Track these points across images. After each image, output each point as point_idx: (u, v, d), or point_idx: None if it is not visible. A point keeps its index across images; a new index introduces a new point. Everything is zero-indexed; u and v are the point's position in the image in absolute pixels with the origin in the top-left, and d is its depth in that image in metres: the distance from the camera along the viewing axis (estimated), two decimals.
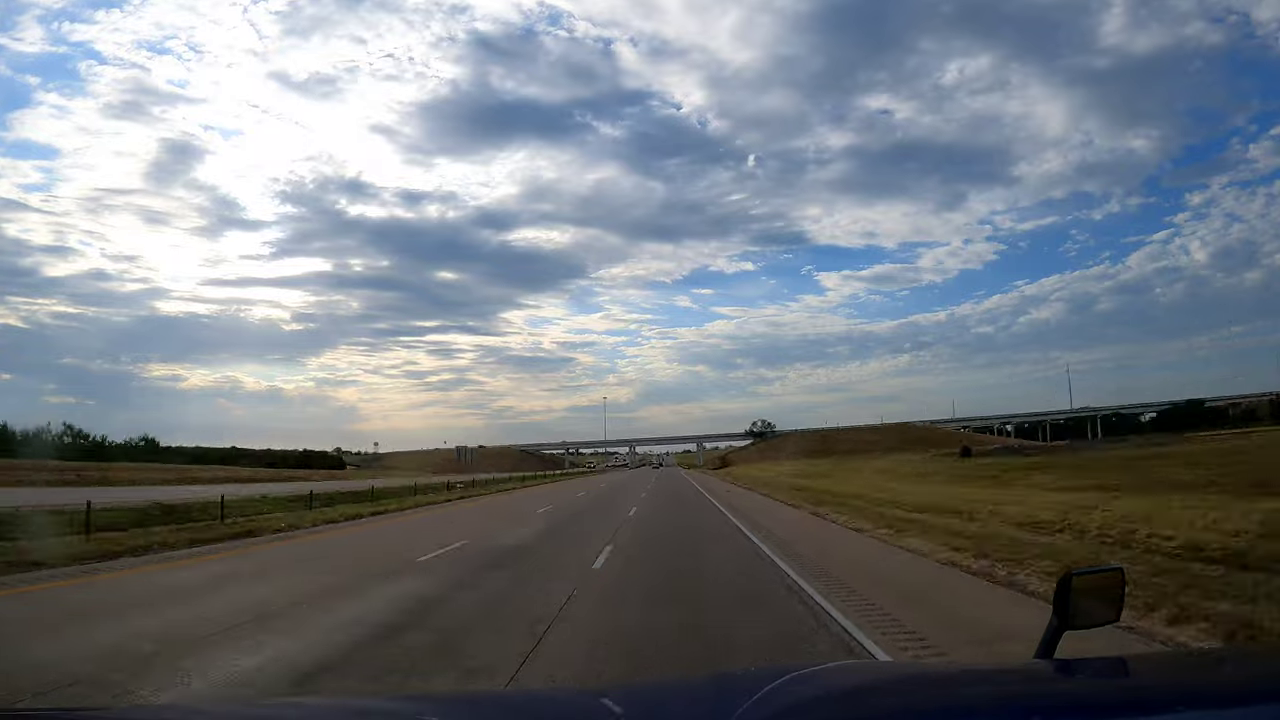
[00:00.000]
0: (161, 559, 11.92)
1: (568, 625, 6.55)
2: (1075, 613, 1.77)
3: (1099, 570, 1.99)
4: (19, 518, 14.41)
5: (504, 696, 3.17)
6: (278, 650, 5.79)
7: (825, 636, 6.02)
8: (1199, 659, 2.81)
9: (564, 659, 5.46)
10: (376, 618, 6.92)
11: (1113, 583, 1.93)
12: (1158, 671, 1.81)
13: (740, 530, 15.11)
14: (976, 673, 2.05)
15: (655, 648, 5.79)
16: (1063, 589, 1.77)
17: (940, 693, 1.62)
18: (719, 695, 1.58)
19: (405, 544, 14.19)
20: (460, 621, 6.86)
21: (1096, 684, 1.60)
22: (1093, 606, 1.82)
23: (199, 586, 9.33)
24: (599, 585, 8.79)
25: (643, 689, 2.21)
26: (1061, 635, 1.77)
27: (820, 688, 1.64)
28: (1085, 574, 1.88)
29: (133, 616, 7.33)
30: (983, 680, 1.81)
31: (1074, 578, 1.80)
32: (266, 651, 5.74)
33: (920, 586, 8.28)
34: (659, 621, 6.72)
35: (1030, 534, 11.31)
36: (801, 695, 1.51)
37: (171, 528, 15.32)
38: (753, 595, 7.92)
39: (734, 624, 6.56)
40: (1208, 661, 2.33)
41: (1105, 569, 2.01)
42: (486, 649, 5.75)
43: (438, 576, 9.60)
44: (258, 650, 5.76)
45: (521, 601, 7.76)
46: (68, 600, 8.41)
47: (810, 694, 1.54)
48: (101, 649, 5.88)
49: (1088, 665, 1.69)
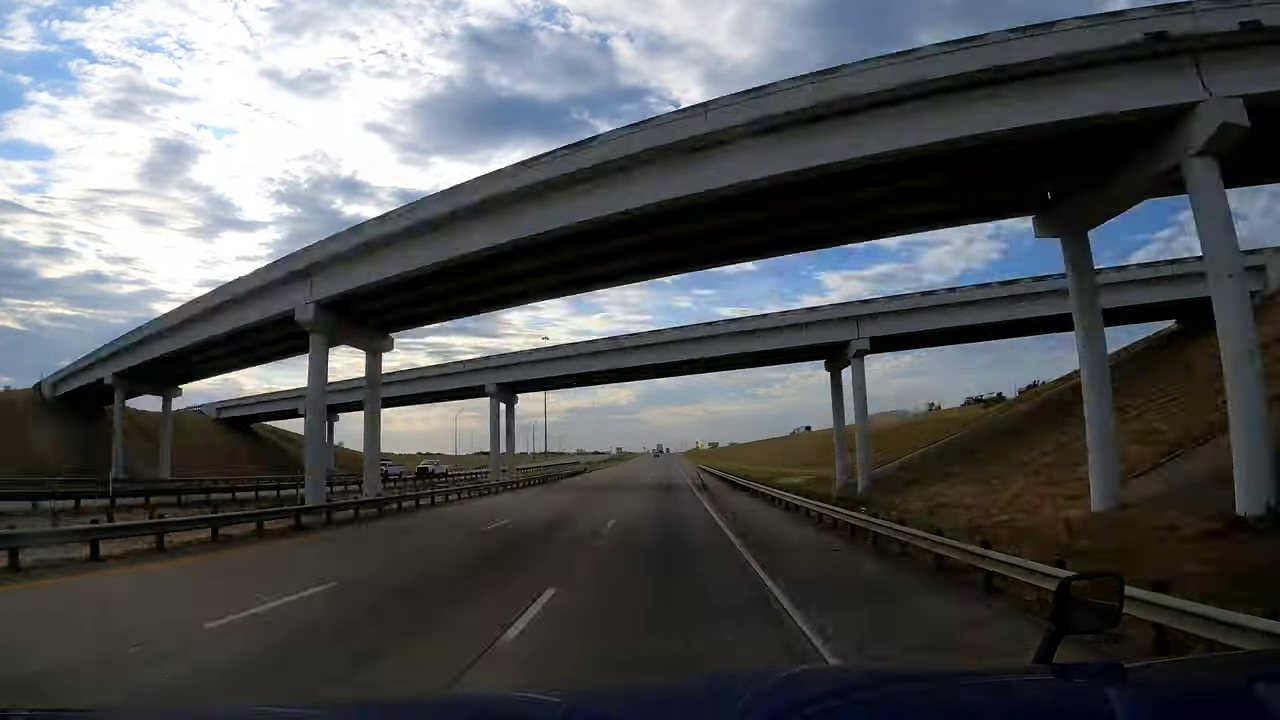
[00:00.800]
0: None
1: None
2: (1073, 618, 1.78)
3: (1096, 576, 2.01)
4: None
5: (499, 699, 3.17)
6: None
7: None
8: (1199, 664, 2.81)
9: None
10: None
11: (1110, 588, 1.94)
12: (1156, 676, 1.82)
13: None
14: (976, 676, 2.06)
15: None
16: (1060, 595, 1.79)
17: (939, 696, 1.62)
18: (715, 697, 1.58)
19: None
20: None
21: (1095, 689, 1.60)
22: (1090, 611, 1.84)
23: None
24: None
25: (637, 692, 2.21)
26: (1060, 640, 1.78)
27: (816, 690, 1.65)
28: (1082, 579, 1.90)
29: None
30: (982, 684, 1.82)
31: (1071, 584, 1.81)
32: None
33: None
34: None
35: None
36: (797, 697, 1.52)
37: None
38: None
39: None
40: (1207, 666, 2.34)
41: (1102, 574, 2.02)
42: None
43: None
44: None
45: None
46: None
47: (806, 696, 1.54)
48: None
49: (1086, 670, 1.70)
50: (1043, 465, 21.35)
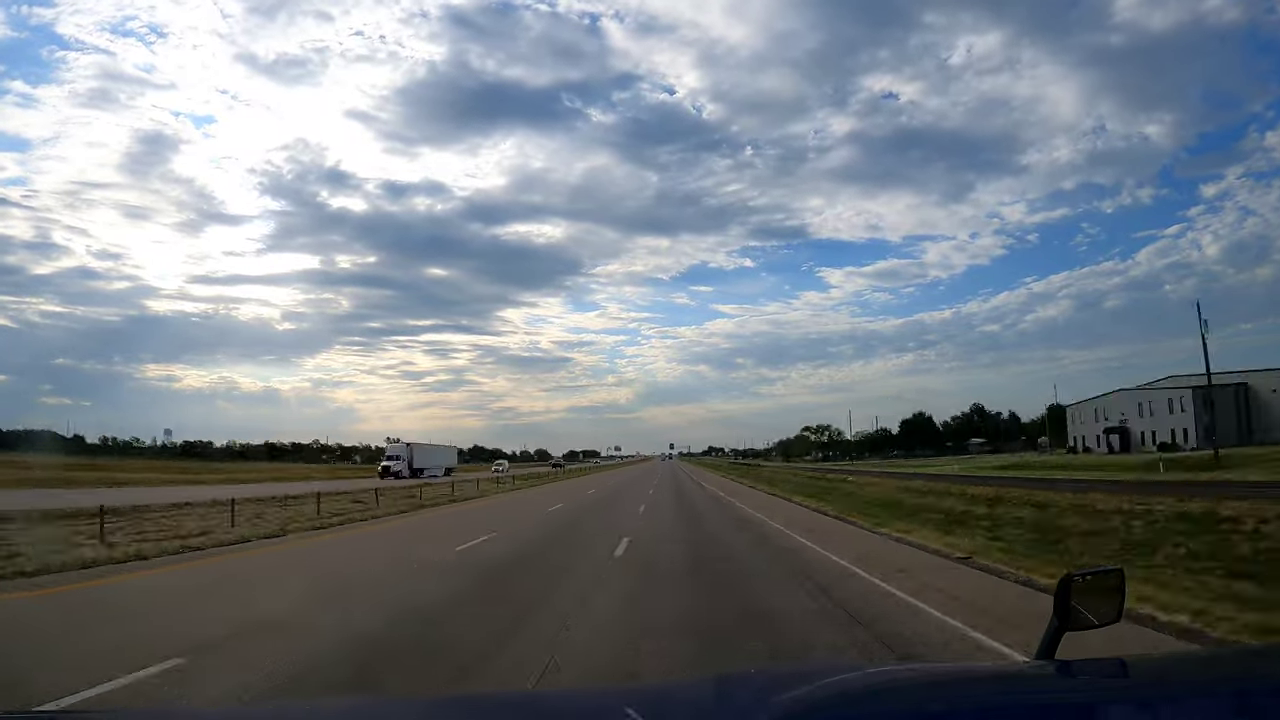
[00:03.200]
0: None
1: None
2: (1075, 613, 1.78)
3: (1098, 571, 2.00)
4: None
5: (504, 697, 3.17)
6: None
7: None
8: (1200, 659, 2.82)
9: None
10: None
11: (1112, 583, 1.94)
12: (1158, 672, 1.82)
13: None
14: (978, 673, 2.06)
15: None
16: (1062, 590, 1.79)
17: (942, 694, 1.62)
18: (716, 697, 1.59)
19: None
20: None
21: (1097, 684, 1.60)
22: (1093, 607, 1.83)
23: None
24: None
25: (639, 691, 2.21)
26: (1062, 636, 1.78)
27: (823, 690, 1.65)
28: (1084, 575, 1.90)
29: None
30: (984, 681, 1.82)
31: (1074, 579, 1.81)
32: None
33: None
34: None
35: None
36: (804, 698, 1.52)
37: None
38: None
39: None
40: (1208, 661, 2.34)
41: (1105, 570, 2.02)
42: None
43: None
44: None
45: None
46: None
47: (813, 696, 1.55)
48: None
49: (1088, 666, 1.70)
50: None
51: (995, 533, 14.40)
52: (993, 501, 20.22)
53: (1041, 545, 12.21)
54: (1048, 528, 14.42)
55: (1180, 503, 15.39)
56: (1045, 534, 13.66)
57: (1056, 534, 13.62)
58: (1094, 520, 14.95)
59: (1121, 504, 16.38)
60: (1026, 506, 18.25)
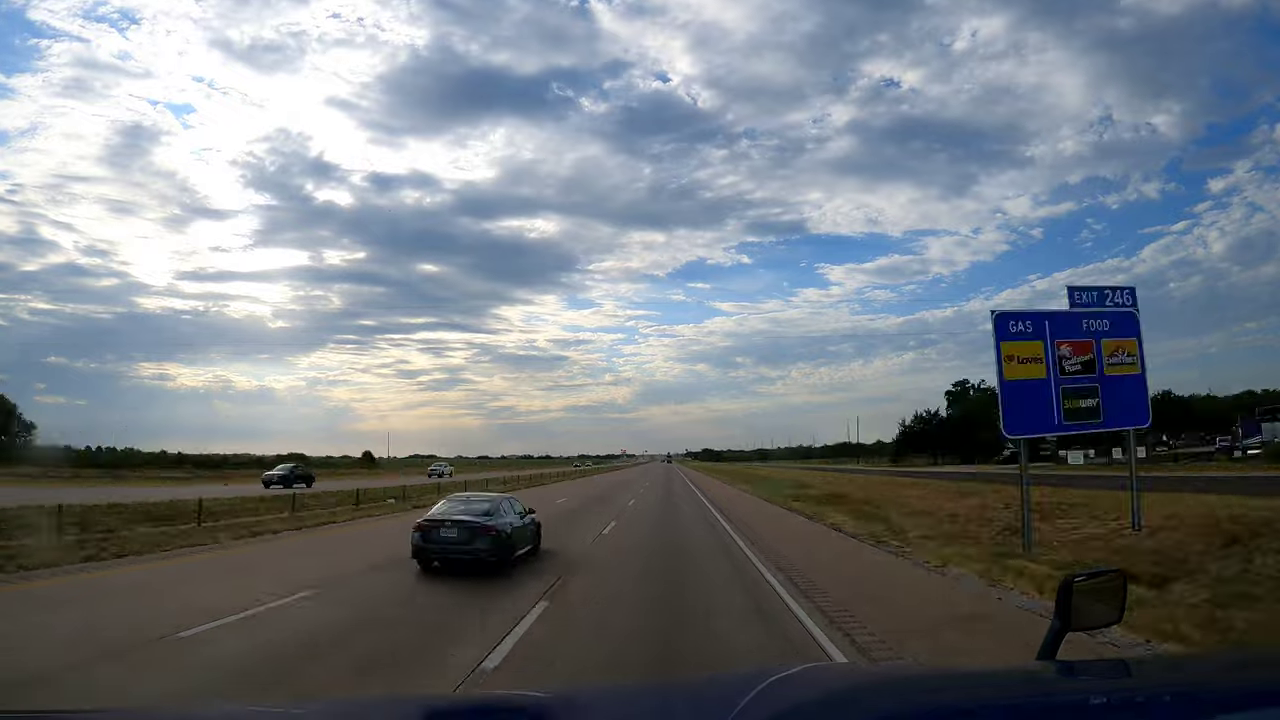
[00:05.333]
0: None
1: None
2: (1076, 614, 1.79)
3: (1099, 573, 2.01)
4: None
5: (498, 698, 3.16)
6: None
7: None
8: (1201, 660, 2.82)
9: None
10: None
11: (1113, 584, 1.95)
12: (1159, 673, 1.82)
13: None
14: (978, 674, 2.06)
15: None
16: (1064, 592, 1.79)
17: (942, 694, 1.62)
18: (715, 697, 1.59)
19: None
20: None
21: (1099, 685, 1.61)
22: (1094, 608, 1.85)
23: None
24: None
25: (638, 691, 2.20)
26: (1064, 637, 1.78)
27: (818, 689, 1.65)
28: (1085, 577, 1.90)
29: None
30: (984, 681, 1.82)
31: (1075, 581, 1.82)
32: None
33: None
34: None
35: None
36: (799, 697, 1.52)
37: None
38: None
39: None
40: (1209, 663, 2.34)
41: (1105, 571, 2.02)
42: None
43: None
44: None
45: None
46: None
47: (808, 696, 1.55)
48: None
49: (1090, 667, 1.71)
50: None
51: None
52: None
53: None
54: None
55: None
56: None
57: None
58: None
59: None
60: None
